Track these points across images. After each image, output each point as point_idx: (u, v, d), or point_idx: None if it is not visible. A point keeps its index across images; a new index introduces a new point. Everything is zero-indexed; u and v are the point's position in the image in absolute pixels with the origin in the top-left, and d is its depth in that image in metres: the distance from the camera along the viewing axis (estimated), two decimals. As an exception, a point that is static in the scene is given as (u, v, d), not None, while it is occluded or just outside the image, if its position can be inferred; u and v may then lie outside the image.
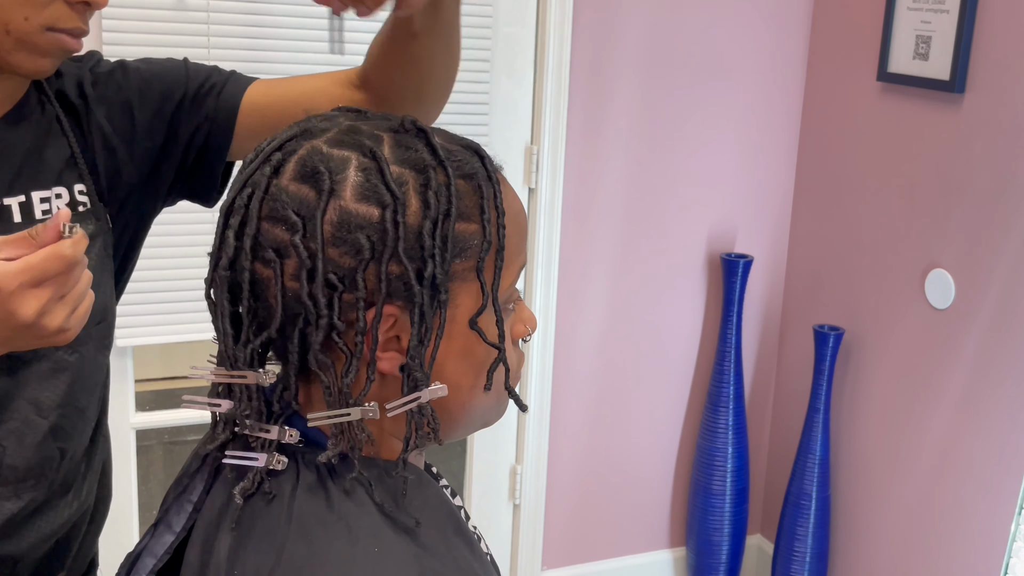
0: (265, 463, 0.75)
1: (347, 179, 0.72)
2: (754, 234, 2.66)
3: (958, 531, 2.22)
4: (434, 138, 0.76)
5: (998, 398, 2.11)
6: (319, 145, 0.74)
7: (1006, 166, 2.07)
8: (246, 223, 0.73)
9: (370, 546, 0.71)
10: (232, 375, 0.76)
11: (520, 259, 0.81)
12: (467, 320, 0.76)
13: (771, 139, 2.62)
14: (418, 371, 0.74)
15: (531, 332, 0.84)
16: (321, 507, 0.73)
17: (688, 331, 2.65)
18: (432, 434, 0.76)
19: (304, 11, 2.10)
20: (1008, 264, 2.08)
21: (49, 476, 1.03)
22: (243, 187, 0.74)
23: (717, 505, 2.61)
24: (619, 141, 2.45)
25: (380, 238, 0.71)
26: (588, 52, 2.37)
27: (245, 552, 0.73)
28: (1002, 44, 2.06)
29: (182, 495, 0.82)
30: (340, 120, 0.78)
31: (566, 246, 2.46)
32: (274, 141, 0.76)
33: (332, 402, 0.74)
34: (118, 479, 2.20)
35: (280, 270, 0.72)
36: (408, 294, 0.72)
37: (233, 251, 0.73)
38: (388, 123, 0.77)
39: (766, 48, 2.55)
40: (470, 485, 2.58)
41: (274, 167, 0.74)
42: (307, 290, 0.71)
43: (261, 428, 0.76)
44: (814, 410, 2.45)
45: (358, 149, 0.73)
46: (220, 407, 0.78)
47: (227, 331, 0.75)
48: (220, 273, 0.74)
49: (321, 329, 0.72)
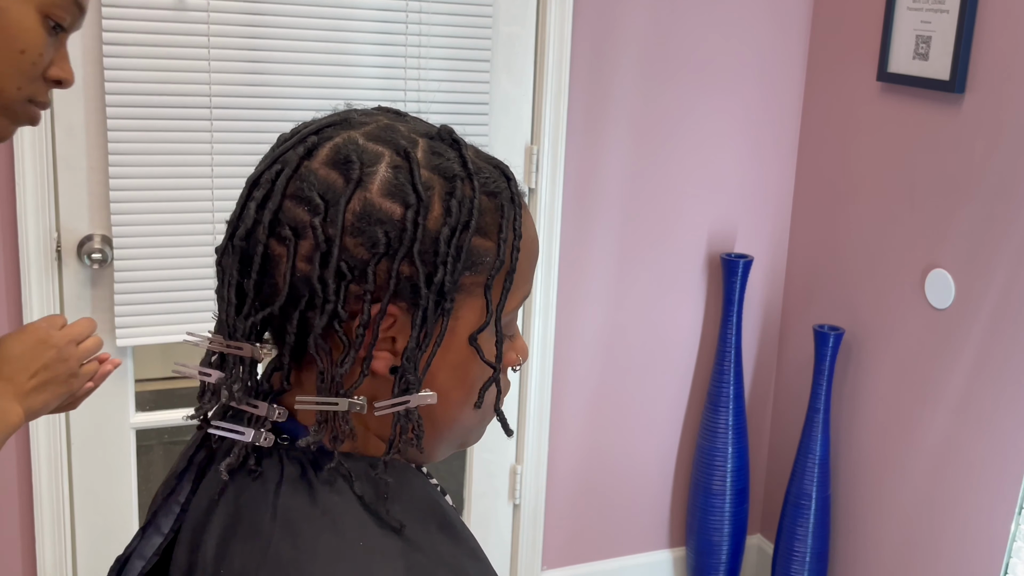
0: (252, 438, 0.76)
1: (377, 173, 0.73)
2: (754, 234, 2.66)
3: (958, 531, 2.22)
4: (466, 151, 0.77)
5: (998, 398, 2.11)
6: (356, 136, 0.75)
7: (1006, 166, 2.07)
8: (269, 198, 0.74)
9: (356, 540, 0.71)
10: (229, 345, 0.76)
11: (527, 287, 0.81)
12: (467, 334, 0.77)
13: (771, 139, 2.62)
14: (411, 374, 0.74)
15: (522, 362, 0.85)
16: (305, 502, 0.73)
17: (688, 331, 2.65)
18: (415, 440, 0.76)
19: (304, 11, 2.10)
20: (1008, 264, 2.08)
21: None
22: (273, 163, 0.75)
23: (717, 505, 2.61)
24: (619, 141, 2.45)
25: (398, 236, 0.72)
26: (588, 52, 2.37)
27: (231, 551, 0.73)
28: (1002, 44, 2.06)
29: (170, 496, 0.83)
30: (379, 118, 0.79)
31: (566, 246, 2.46)
32: (312, 125, 0.77)
33: (323, 388, 0.74)
34: (118, 479, 2.20)
35: (294, 250, 0.73)
36: (414, 297, 0.73)
37: (252, 223, 0.74)
38: (425, 128, 0.79)
39: (766, 48, 2.55)
40: (470, 485, 2.58)
41: (308, 148, 0.75)
42: (318, 273, 0.72)
43: (249, 402, 0.77)
44: (814, 410, 2.45)
45: (393, 147, 0.75)
46: (210, 377, 0.78)
47: (231, 300, 0.76)
48: (235, 243, 0.75)
49: (325, 315, 0.72)
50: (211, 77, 2.06)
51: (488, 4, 2.26)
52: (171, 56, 2.03)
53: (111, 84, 2.00)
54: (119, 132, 2.02)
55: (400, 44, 2.20)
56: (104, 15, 1.96)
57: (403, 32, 2.19)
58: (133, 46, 2.00)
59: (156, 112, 2.04)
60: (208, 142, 2.09)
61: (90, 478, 2.17)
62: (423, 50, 2.22)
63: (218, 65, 2.06)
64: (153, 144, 2.05)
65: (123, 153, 2.03)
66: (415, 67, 2.22)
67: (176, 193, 2.07)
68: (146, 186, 2.05)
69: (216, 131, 2.09)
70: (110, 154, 2.01)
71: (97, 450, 2.17)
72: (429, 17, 2.21)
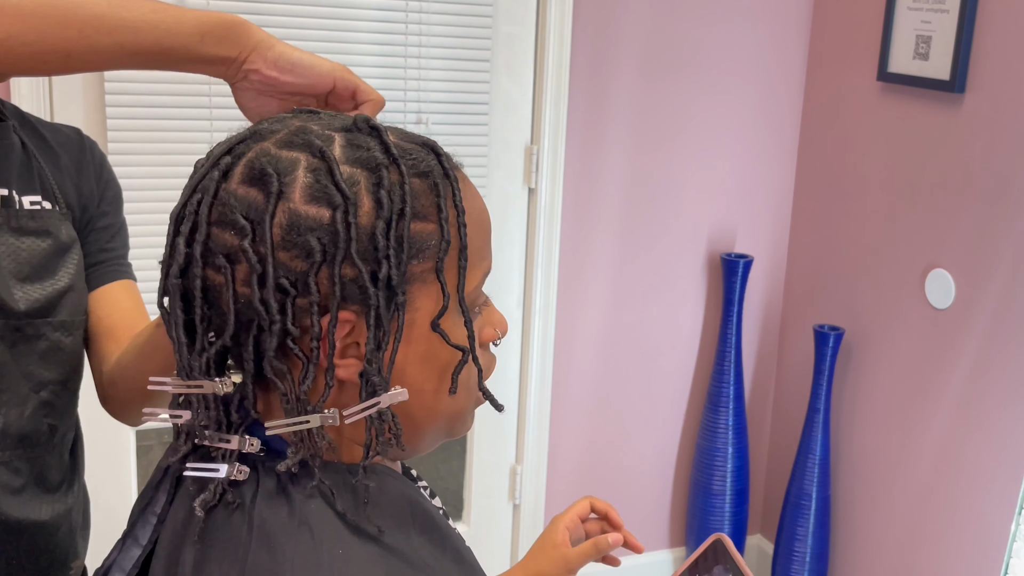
0: (226, 474, 0.74)
1: (296, 180, 0.70)
2: (754, 234, 2.66)
3: (958, 531, 2.22)
4: (387, 136, 0.73)
5: (998, 398, 2.11)
6: (268, 147, 0.72)
7: (1006, 166, 2.07)
8: (196, 229, 0.71)
9: (334, 548, 0.70)
10: (189, 385, 0.74)
11: (486, 262, 0.79)
12: (428, 323, 0.74)
13: (771, 139, 2.62)
14: (375, 375, 0.72)
15: (501, 336, 0.82)
16: (282, 513, 0.72)
17: (688, 331, 2.65)
18: (394, 440, 0.74)
19: (304, 11, 2.10)
20: (1008, 264, 2.08)
21: (40, 451, 1.08)
22: (192, 193, 0.73)
23: (717, 505, 2.61)
24: (619, 141, 2.45)
25: (332, 240, 0.69)
26: (588, 52, 2.37)
27: (209, 565, 0.72)
28: (1002, 44, 2.06)
29: (147, 508, 0.81)
30: (291, 121, 0.75)
31: (566, 246, 2.46)
32: (223, 144, 0.74)
33: (290, 409, 0.72)
34: (119, 479, 2.20)
35: (231, 276, 0.70)
36: (363, 297, 0.71)
37: (184, 258, 0.72)
38: (340, 122, 0.76)
39: (766, 48, 2.55)
40: (470, 485, 2.58)
41: (223, 171, 0.72)
42: (258, 295, 0.69)
43: (221, 438, 0.75)
44: (814, 410, 2.45)
45: (307, 149, 0.71)
46: (181, 419, 0.76)
47: (181, 340, 0.73)
48: (172, 281, 0.72)
49: (275, 335, 0.70)
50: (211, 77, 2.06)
51: (488, 4, 2.26)
52: (171, 56, 2.03)
53: (111, 84, 2.00)
54: (119, 132, 2.02)
55: (400, 44, 2.20)
56: (104, 15, 1.96)
57: (403, 32, 2.19)
58: (133, 46, 2.00)
59: (156, 112, 2.04)
60: (208, 142, 2.09)
61: (90, 478, 2.17)
62: (423, 50, 2.22)
63: (218, 65, 2.06)
64: (153, 144, 2.05)
65: (123, 153, 2.03)
66: (415, 67, 2.22)
67: (176, 193, 2.07)
68: (146, 186, 2.05)
69: (216, 131, 2.09)
70: (110, 154, 2.01)
71: (97, 450, 2.17)
72: (429, 17, 2.21)
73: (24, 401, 1.05)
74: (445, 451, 2.80)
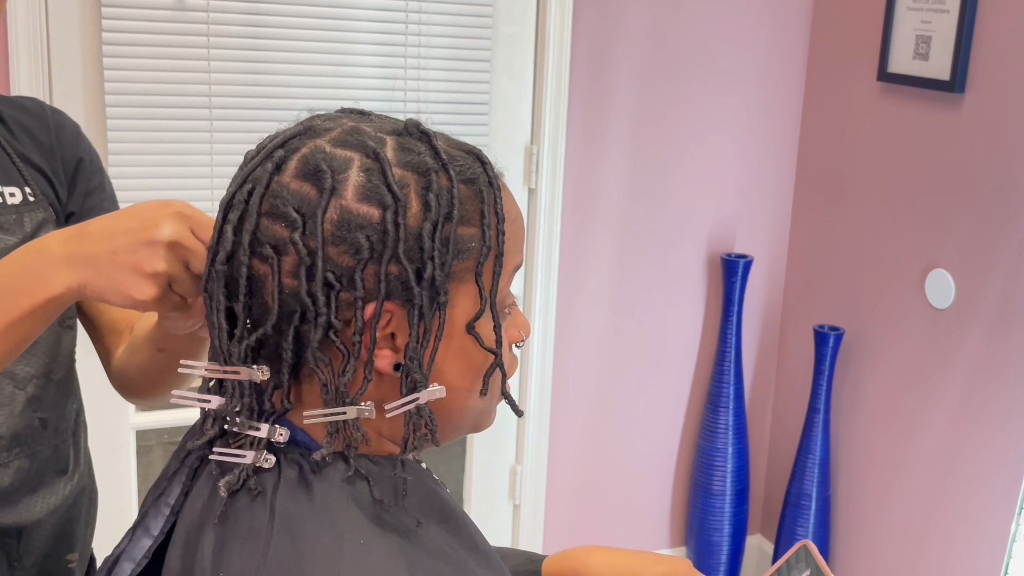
0: (252, 460, 0.75)
1: (349, 179, 0.72)
2: (754, 234, 2.66)
3: (958, 531, 2.22)
4: (437, 142, 0.76)
5: (998, 398, 2.11)
6: (322, 144, 0.74)
7: (1006, 166, 2.07)
8: (245, 218, 0.73)
9: (355, 538, 0.71)
10: (225, 371, 0.75)
11: (516, 260, 0.81)
12: (464, 322, 0.76)
13: (771, 139, 2.62)
14: (417, 372, 0.74)
15: (525, 338, 0.85)
16: (304, 504, 0.73)
17: (688, 331, 2.65)
18: (430, 435, 0.76)
19: (304, 11, 2.10)
20: (1008, 264, 2.08)
21: (35, 447, 1.08)
22: (244, 183, 0.74)
23: (717, 505, 2.61)
24: (619, 141, 2.45)
25: (380, 239, 0.71)
26: (588, 52, 2.37)
27: (229, 553, 0.73)
28: (1002, 44, 2.06)
29: (160, 498, 0.82)
30: (344, 121, 0.77)
31: (566, 246, 2.46)
32: (277, 138, 0.76)
33: (329, 400, 0.74)
34: (119, 479, 2.20)
35: (278, 267, 0.72)
36: (407, 295, 0.73)
37: (231, 246, 0.73)
38: (392, 125, 0.78)
39: (766, 48, 2.55)
40: (470, 485, 2.58)
41: (276, 164, 0.74)
42: (306, 288, 0.71)
43: (251, 426, 0.76)
44: (814, 410, 2.45)
45: (361, 150, 0.74)
46: (210, 403, 0.77)
47: (222, 326, 0.75)
48: (217, 268, 0.74)
49: (319, 327, 0.72)
50: (211, 77, 2.06)
51: (488, 4, 2.26)
52: (171, 56, 2.03)
53: (111, 84, 2.00)
54: (119, 132, 2.02)
55: (400, 44, 2.20)
56: (104, 15, 1.96)
57: (403, 32, 2.19)
58: (133, 46, 2.00)
59: (156, 112, 2.04)
60: (208, 142, 2.09)
61: (90, 478, 2.17)
62: (423, 50, 2.22)
63: (218, 65, 2.06)
64: (153, 144, 2.05)
65: (123, 153, 2.03)
66: (415, 67, 2.22)
67: (176, 193, 2.07)
68: (146, 186, 2.05)
69: (216, 131, 2.09)
70: (110, 154, 2.01)
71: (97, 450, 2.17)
72: (429, 17, 2.21)
73: (11, 400, 1.05)
74: (445, 451, 2.80)
